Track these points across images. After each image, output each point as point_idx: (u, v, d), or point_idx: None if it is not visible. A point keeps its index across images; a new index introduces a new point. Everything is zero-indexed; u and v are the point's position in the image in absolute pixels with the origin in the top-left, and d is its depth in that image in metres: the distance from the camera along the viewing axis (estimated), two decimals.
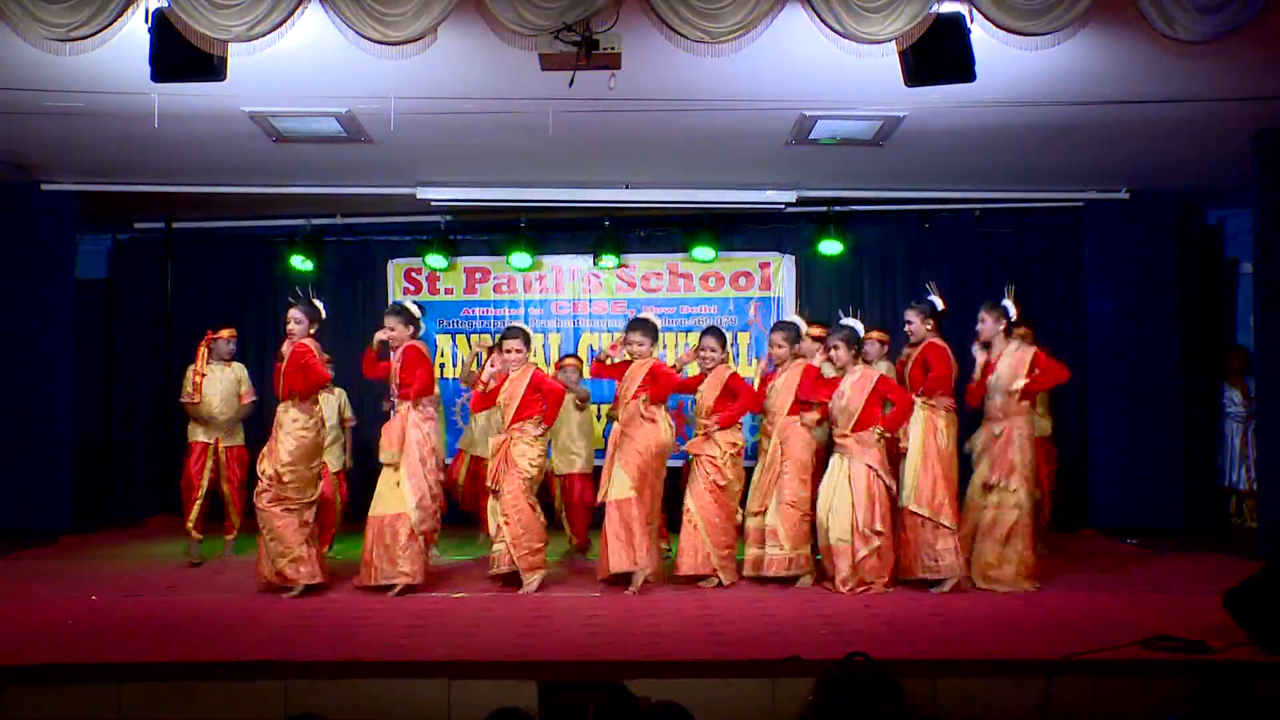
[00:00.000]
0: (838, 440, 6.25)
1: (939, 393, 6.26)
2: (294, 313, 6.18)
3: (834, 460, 6.25)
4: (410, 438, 6.14)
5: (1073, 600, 5.87)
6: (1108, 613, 5.49)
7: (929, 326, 6.41)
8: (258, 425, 7.81)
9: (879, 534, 6.04)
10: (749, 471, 6.54)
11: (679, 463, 6.70)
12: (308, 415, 6.11)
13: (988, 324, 6.31)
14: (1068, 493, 8.32)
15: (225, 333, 7.61)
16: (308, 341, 6.15)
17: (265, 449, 6.13)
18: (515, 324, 6.70)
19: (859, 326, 6.39)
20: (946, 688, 4.36)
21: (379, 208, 9.09)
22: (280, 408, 6.14)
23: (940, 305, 6.47)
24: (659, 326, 6.61)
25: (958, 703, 4.34)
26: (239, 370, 7.62)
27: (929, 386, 6.26)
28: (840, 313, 6.62)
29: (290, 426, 6.06)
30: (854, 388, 6.18)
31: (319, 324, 6.29)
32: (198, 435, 7.46)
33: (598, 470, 6.73)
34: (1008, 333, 6.31)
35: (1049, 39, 4.86)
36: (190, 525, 7.34)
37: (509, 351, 6.30)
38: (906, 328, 6.49)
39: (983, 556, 6.14)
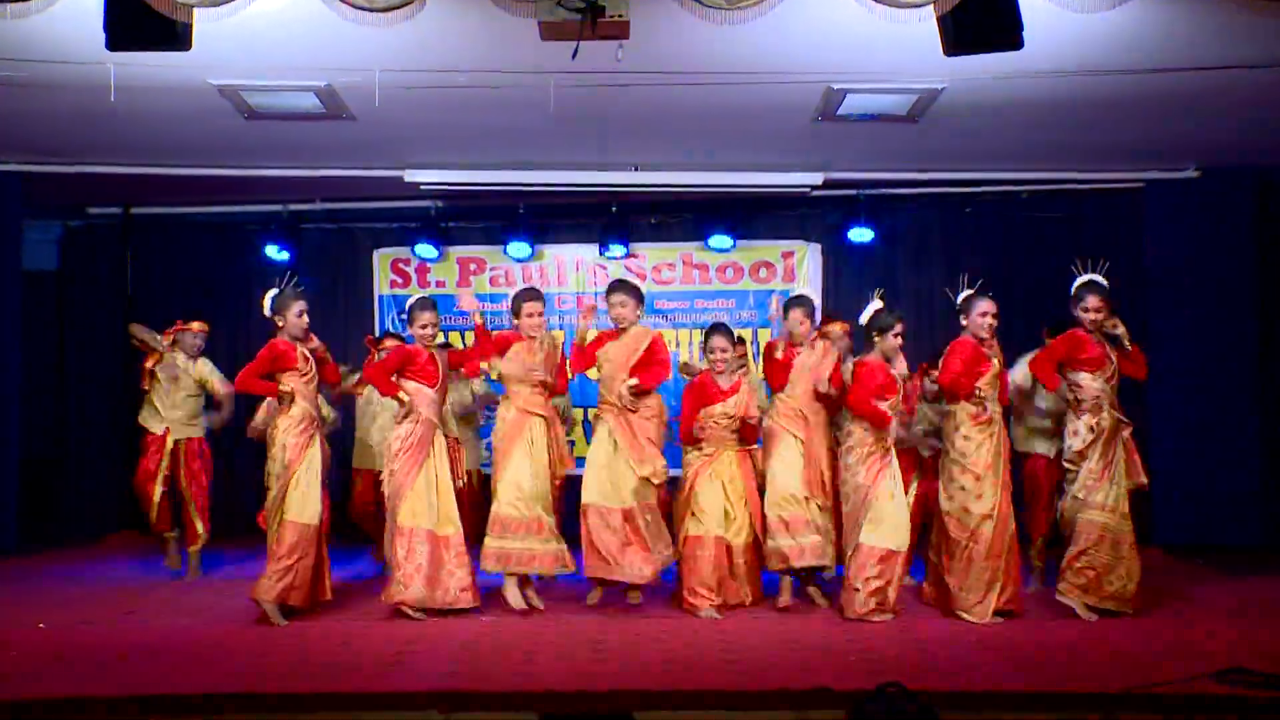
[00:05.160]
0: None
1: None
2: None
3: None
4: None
5: (1134, 627, 5.85)
6: (1174, 641, 5.49)
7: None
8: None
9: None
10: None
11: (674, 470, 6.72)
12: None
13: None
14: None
15: (195, 325, 7.69)
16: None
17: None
18: (528, 285, 6.80)
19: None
20: None
21: (362, 191, 9.12)
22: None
23: (960, 299, 6.36)
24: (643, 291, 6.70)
25: None
26: (203, 368, 7.67)
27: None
28: (872, 295, 6.61)
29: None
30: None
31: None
32: (150, 423, 7.59)
33: None
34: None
35: None
36: (155, 526, 7.51)
37: (530, 315, 6.41)
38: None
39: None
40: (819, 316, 6.83)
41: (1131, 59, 6.10)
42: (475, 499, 7.54)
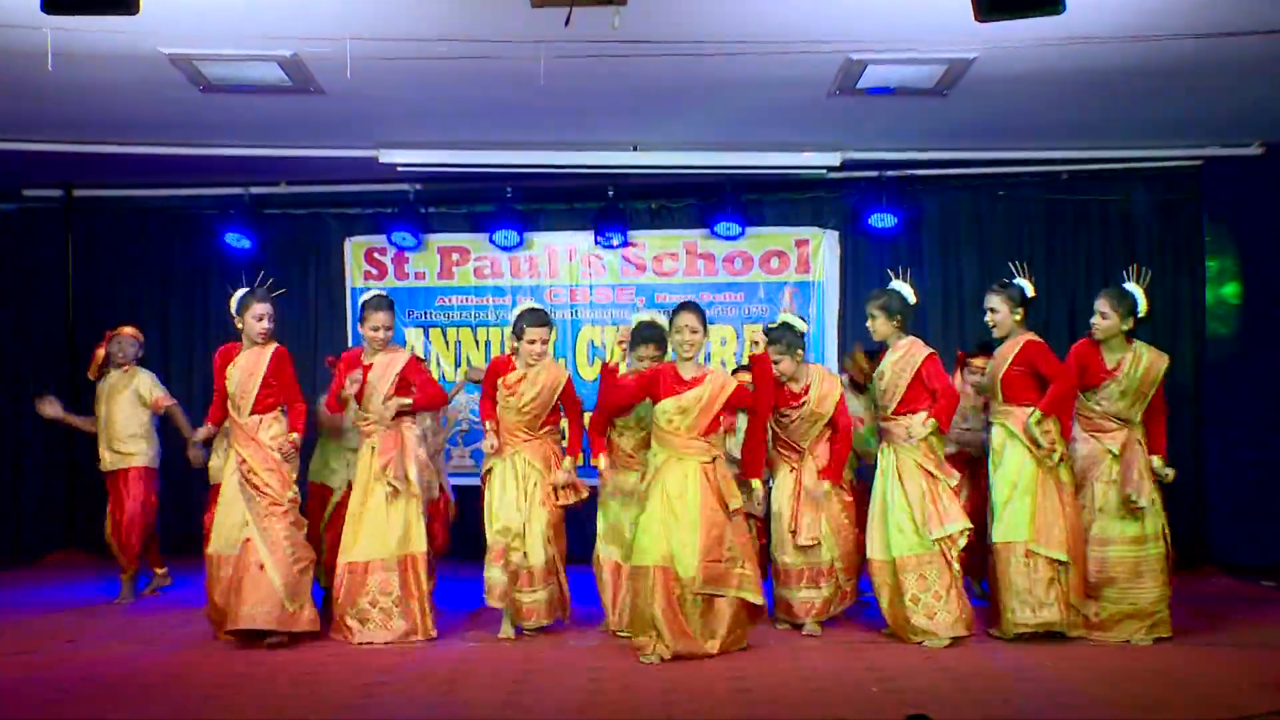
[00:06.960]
0: (881, 425, 6.42)
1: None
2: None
3: (880, 454, 6.40)
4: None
5: (1193, 656, 5.84)
6: (1238, 672, 5.47)
7: (1018, 318, 6.29)
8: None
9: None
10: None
11: None
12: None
13: (1112, 320, 6.18)
14: (1182, 521, 8.23)
15: (127, 330, 7.74)
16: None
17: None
18: (535, 306, 6.69)
19: (907, 292, 6.40)
20: None
21: (333, 174, 9.12)
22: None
23: (1030, 290, 6.34)
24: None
25: None
26: (142, 377, 7.77)
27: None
28: (891, 274, 6.58)
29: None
30: (893, 366, 6.30)
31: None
32: (104, 461, 7.78)
33: None
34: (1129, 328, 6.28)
35: None
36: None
37: (532, 342, 6.38)
38: (989, 317, 6.35)
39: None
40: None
41: (1186, 22, 6.07)
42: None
